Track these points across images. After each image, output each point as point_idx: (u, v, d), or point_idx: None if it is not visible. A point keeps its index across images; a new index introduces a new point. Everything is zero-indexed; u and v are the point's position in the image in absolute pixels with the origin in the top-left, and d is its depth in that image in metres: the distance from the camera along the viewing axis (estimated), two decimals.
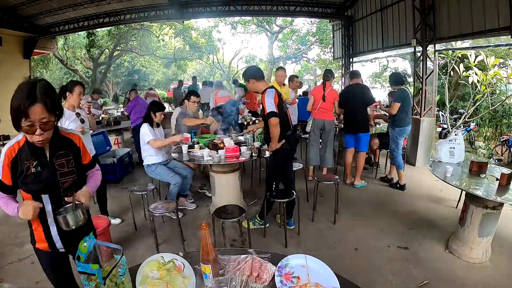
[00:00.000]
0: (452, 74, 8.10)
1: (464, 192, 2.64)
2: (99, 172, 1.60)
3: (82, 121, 2.83)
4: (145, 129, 3.22)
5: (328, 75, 4.20)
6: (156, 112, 3.27)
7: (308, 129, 4.35)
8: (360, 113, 4.04)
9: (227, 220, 2.41)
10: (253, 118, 5.25)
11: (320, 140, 4.38)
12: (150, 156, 3.31)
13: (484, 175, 2.54)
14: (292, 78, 5.29)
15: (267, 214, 2.95)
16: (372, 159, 4.89)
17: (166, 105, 11.27)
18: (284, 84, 4.69)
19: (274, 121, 2.57)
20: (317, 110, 4.19)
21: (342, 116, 4.54)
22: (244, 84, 3.68)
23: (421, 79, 5.22)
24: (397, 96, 3.84)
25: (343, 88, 4.45)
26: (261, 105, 3.64)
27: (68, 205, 1.28)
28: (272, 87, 2.73)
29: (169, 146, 3.56)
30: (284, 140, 2.70)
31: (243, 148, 3.08)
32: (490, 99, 6.28)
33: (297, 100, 5.71)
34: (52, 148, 1.30)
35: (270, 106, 2.58)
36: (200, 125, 3.99)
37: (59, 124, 1.34)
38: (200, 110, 6.37)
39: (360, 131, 4.07)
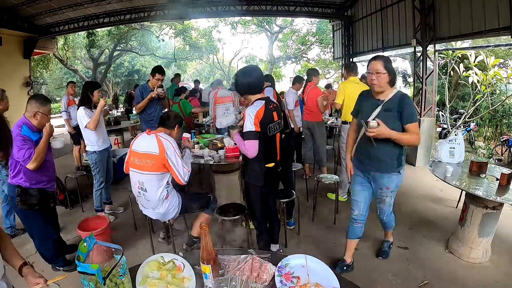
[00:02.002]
0: (452, 74, 8.10)
1: (464, 192, 2.64)
2: None
3: None
4: (81, 112, 3.02)
5: (309, 74, 4.29)
6: (94, 91, 3.08)
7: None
8: None
9: (228, 218, 2.42)
10: None
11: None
12: (90, 143, 3.15)
13: (484, 175, 2.53)
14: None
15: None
16: None
17: None
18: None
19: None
20: (303, 111, 4.35)
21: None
22: None
23: (421, 79, 5.22)
24: None
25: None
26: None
27: None
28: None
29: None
30: None
31: None
32: (490, 99, 6.28)
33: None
34: None
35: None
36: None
37: None
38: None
39: None
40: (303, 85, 4.44)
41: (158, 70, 3.57)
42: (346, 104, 3.30)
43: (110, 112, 3.61)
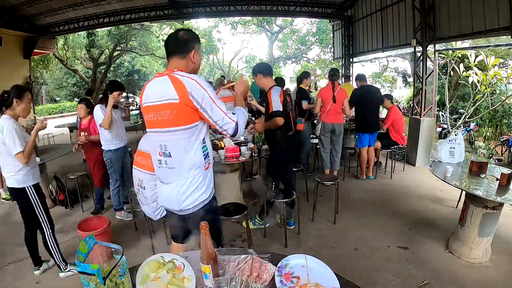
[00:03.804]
0: (452, 74, 8.10)
1: (464, 192, 2.64)
2: None
3: None
4: (97, 110, 3.01)
5: (336, 74, 4.05)
6: (113, 92, 3.00)
7: (318, 133, 4.21)
8: (378, 113, 4.38)
9: (228, 218, 2.42)
10: (253, 118, 5.16)
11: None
12: (105, 142, 3.15)
13: (484, 175, 2.54)
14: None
15: (267, 214, 2.95)
16: (376, 159, 4.88)
17: None
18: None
19: (280, 121, 2.54)
20: (327, 113, 4.00)
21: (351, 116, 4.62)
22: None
23: (421, 79, 5.22)
24: None
25: (356, 89, 4.53)
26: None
27: None
28: (277, 85, 2.72)
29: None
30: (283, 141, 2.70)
31: (243, 148, 3.09)
32: (490, 99, 6.28)
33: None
34: None
35: (277, 104, 2.56)
36: None
37: None
38: None
39: (377, 130, 4.37)
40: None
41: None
42: None
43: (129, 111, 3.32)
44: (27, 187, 2.18)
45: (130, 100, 14.43)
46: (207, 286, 1.10)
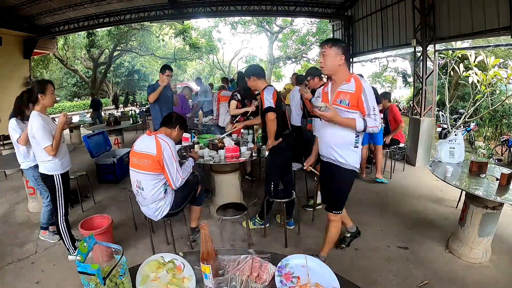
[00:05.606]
0: (452, 74, 8.10)
1: (464, 192, 2.64)
2: None
3: None
4: (11, 125, 2.66)
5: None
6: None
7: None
8: None
9: (228, 218, 2.42)
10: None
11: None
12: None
13: (484, 175, 2.53)
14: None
15: (267, 214, 2.95)
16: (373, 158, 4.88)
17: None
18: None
19: (271, 116, 2.57)
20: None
21: None
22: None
23: (421, 79, 5.22)
24: None
25: None
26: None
27: None
28: (271, 85, 2.74)
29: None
30: (281, 139, 2.69)
31: (243, 148, 3.09)
32: (490, 99, 6.28)
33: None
34: None
35: (268, 101, 2.60)
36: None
37: None
38: (201, 110, 6.39)
39: None
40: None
41: (168, 67, 3.92)
42: None
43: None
44: (55, 174, 2.41)
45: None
46: (207, 286, 1.10)
